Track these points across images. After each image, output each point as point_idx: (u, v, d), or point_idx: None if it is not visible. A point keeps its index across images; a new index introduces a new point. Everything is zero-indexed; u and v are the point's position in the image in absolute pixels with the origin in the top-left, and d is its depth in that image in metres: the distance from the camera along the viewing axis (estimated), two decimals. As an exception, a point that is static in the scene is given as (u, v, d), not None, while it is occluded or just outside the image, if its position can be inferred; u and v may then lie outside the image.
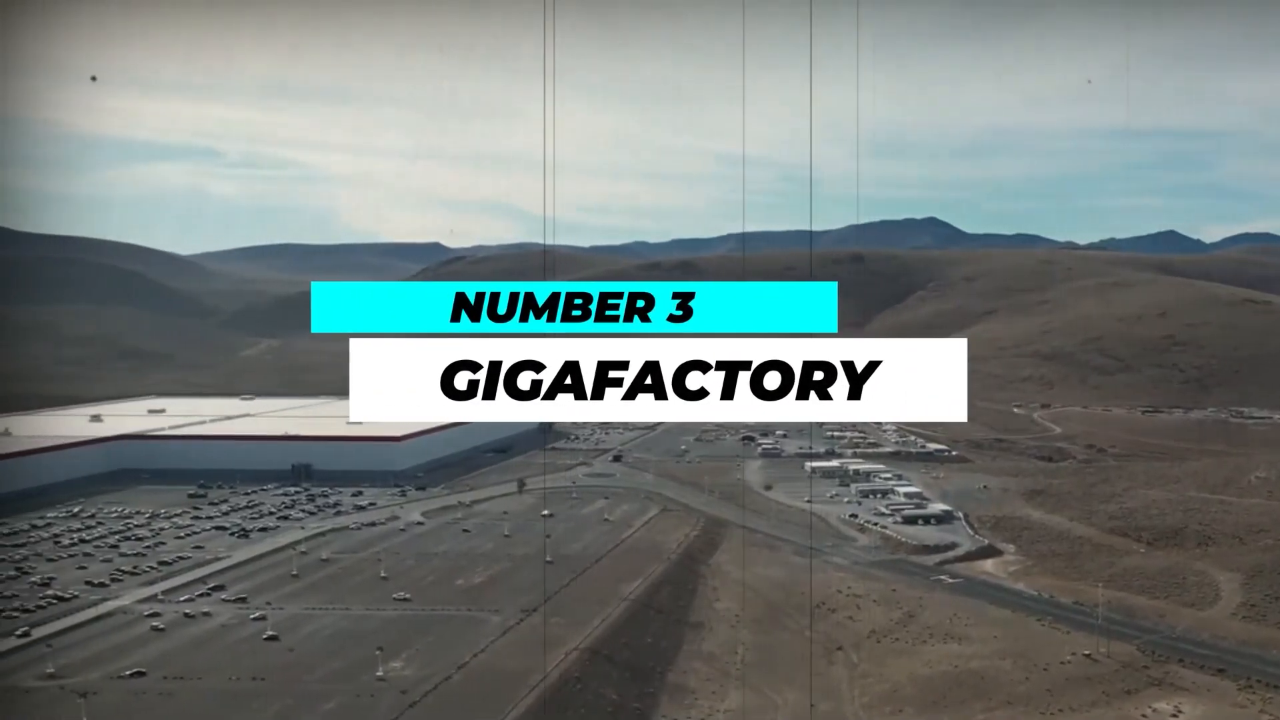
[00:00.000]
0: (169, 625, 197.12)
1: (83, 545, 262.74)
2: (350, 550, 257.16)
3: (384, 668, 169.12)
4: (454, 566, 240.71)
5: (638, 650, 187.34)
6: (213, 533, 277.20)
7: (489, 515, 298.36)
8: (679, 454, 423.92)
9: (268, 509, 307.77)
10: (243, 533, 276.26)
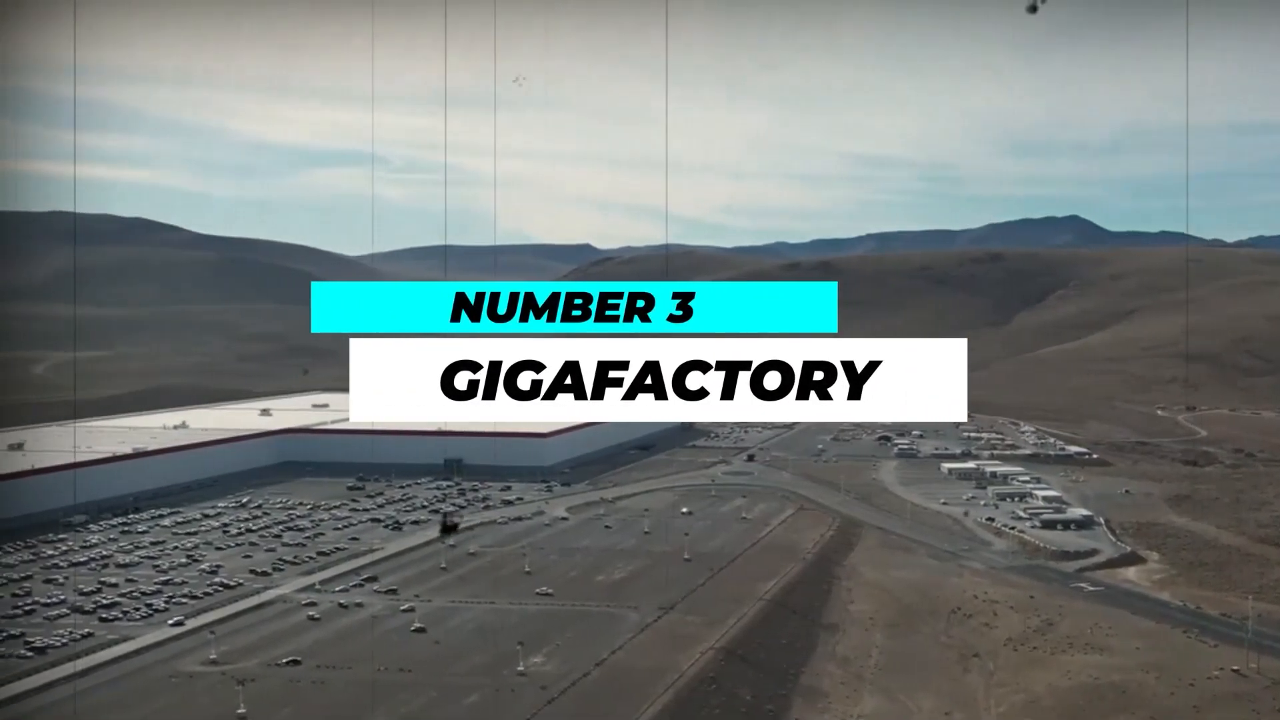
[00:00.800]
0: (324, 615, 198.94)
1: (249, 535, 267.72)
2: (497, 544, 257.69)
3: (525, 663, 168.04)
4: (595, 562, 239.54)
5: (772, 651, 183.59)
6: (368, 525, 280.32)
7: (630, 512, 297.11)
8: (816, 453, 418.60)
9: (421, 502, 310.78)
10: (396, 525, 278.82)
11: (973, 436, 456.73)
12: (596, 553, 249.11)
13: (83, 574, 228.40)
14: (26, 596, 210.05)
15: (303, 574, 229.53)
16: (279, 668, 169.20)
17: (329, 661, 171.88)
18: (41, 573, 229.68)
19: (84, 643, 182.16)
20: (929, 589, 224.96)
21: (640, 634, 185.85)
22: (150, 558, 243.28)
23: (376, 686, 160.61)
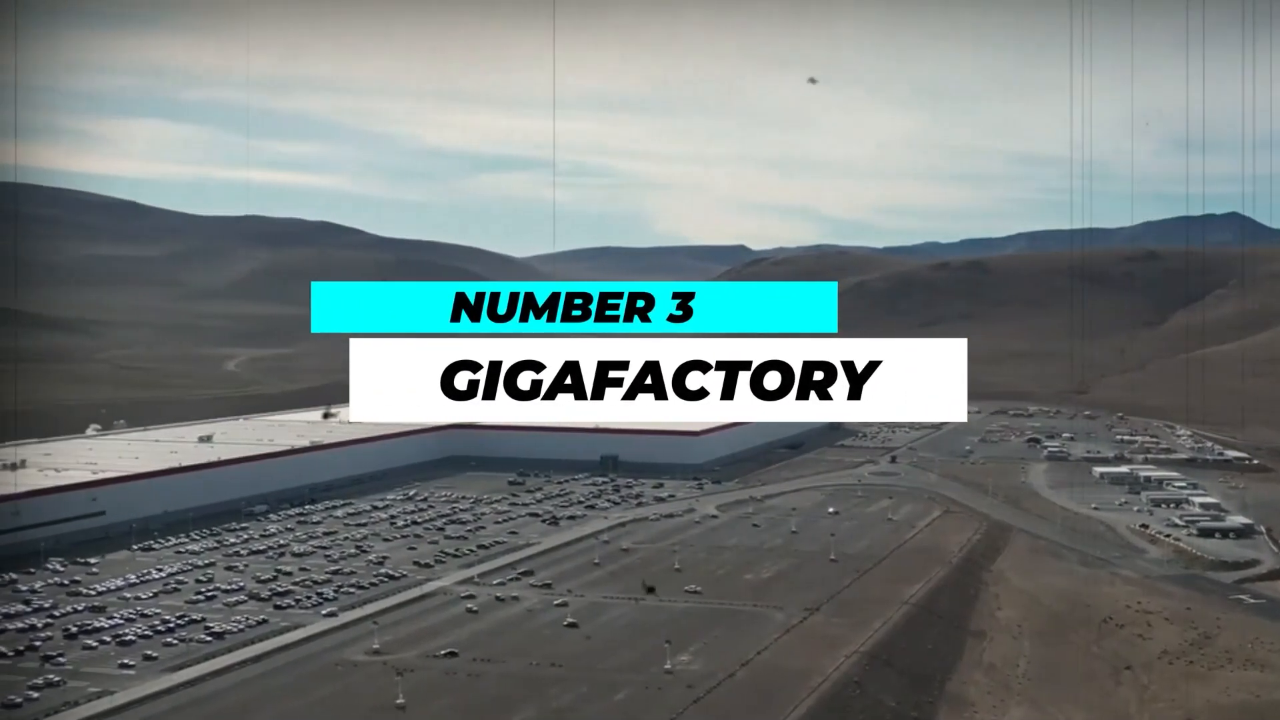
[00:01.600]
0: (482, 608, 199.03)
1: (414, 527, 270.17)
2: (649, 541, 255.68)
3: (672, 661, 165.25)
4: (743, 561, 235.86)
5: (917, 656, 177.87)
6: (527, 519, 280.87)
7: (778, 511, 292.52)
8: (963, 454, 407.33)
9: (577, 498, 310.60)
10: (553, 520, 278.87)
11: (1126, 440, 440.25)
12: (744, 551, 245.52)
13: (261, 562, 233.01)
14: (210, 583, 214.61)
15: (463, 566, 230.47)
16: (437, 659, 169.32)
17: (484, 654, 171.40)
18: (224, 560, 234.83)
19: (258, 629, 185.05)
20: (1080, 597, 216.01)
21: (785, 635, 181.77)
22: (323, 548, 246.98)
23: (528, 680, 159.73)
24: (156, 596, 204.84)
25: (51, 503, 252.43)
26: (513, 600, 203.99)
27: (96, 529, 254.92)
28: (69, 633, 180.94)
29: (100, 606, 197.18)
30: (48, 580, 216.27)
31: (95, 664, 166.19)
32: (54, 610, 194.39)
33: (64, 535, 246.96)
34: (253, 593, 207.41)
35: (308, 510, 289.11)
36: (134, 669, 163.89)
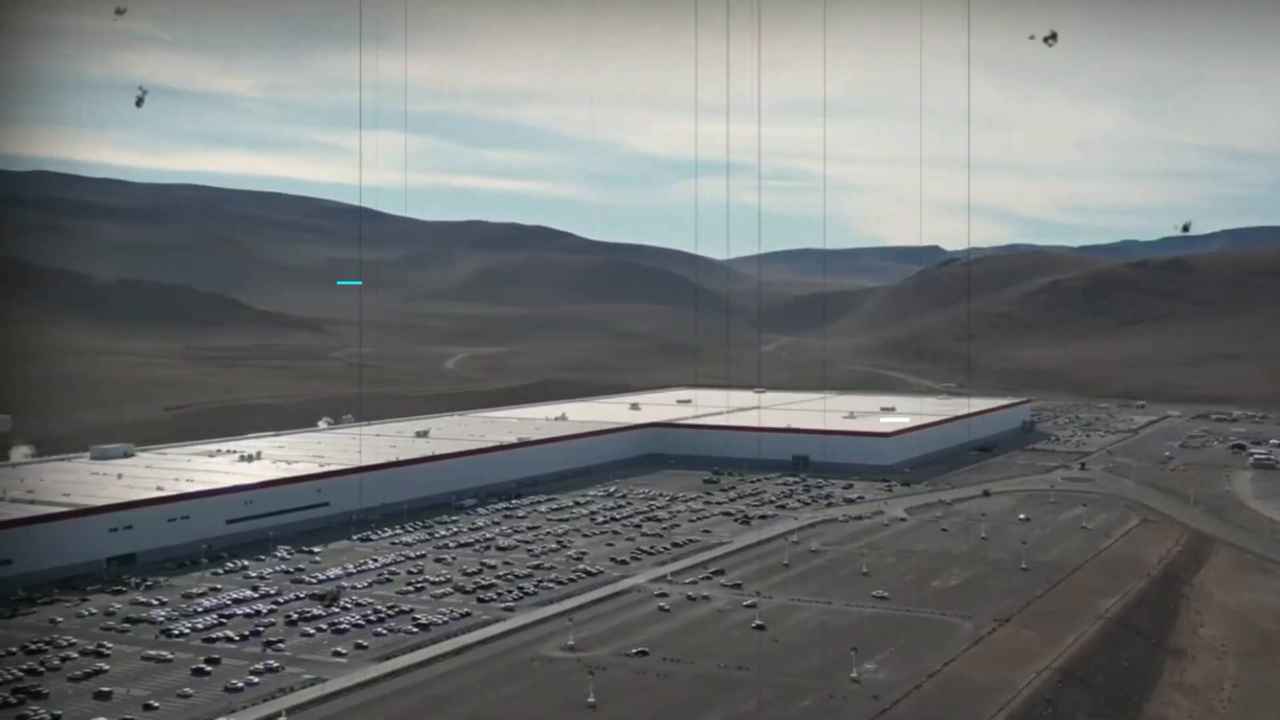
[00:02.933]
0: (673, 606, 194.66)
1: (613, 523, 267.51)
2: (837, 543, 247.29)
3: (858, 669, 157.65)
4: (931, 566, 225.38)
5: (1112, 675, 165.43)
6: (720, 518, 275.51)
7: (967, 515, 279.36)
8: (1162, 460, 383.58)
9: (769, 497, 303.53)
10: (745, 519, 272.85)
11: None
12: (932, 556, 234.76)
13: (467, 555, 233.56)
14: (420, 574, 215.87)
15: (657, 564, 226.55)
16: (628, 658, 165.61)
17: (674, 654, 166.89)
18: (434, 552, 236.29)
19: (461, 621, 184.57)
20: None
21: (974, 646, 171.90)
22: (526, 542, 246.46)
23: (715, 682, 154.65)
24: (370, 586, 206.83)
25: (281, 493, 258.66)
26: (703, 600, 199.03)
27: (321, 519, 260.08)
28: (290, 620, 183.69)
29: (320, 595, 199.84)
30: (275, 567, 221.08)
31: (312, 651, 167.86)
32: (278, 597, 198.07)
33: (292, 524, 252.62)
34: (458, 585, 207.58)
35: (514, 505, 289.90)
36: (345, 657, 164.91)
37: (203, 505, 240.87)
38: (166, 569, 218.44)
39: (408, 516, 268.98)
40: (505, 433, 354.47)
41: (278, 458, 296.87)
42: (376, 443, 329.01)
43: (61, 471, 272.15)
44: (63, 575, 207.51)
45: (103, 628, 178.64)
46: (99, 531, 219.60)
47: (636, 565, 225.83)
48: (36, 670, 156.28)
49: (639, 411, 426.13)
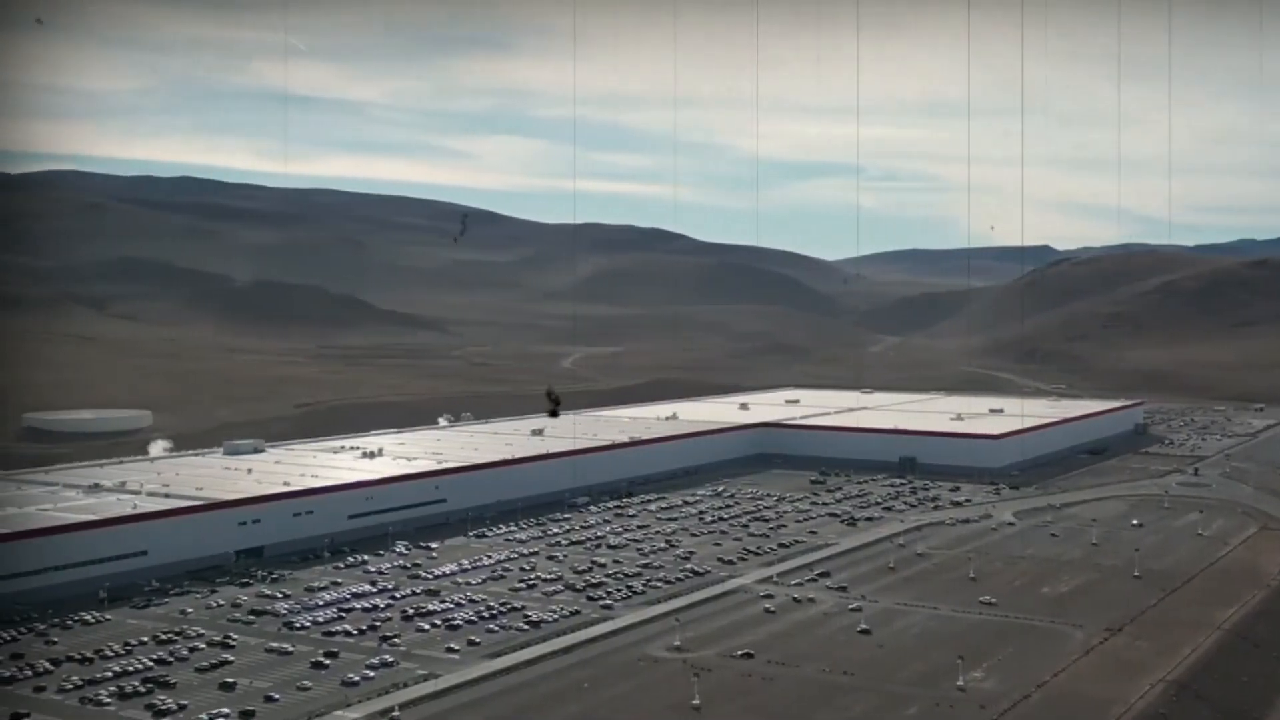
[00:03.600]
0: (779, 608, 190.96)
1: (720, 523, 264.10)
2: (944, 547, 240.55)
3: (965, 677, 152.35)
4: (1040, 572, 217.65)
5: (1231, 689, 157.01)
6: (825, 519, 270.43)
7: (1078, 520, 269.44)
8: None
9: (875, 499, 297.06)
10: (851, 521, 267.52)
11: None
12: (1041, 562, 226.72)
13: (579, 553, 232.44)
14: (532, 572, 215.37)
15: (763, 565, 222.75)
16: (734, 659, 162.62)
17: (779, 657, 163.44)
18: (546, 549, 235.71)
19: (571, 620, 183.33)
20: None
21: (1085, 656, 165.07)
22: (635, 540, 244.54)
23: (820, 687, 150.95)
24: (484, 583, 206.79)
25: (401, 489, 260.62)
26: (809, 602, 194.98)
27: (438, 515, 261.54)
28: (406, 615, 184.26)
29: (435, 590, 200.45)
30: (393, 563, 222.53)
31: (426, 647, 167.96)
32: (395, 592, 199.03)
33: (410, 520, 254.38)
34: (569, 583, 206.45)
35: (625, 503, 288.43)
36: (458, 654, 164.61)
37: (326, 500, 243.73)
38: (291, 562, 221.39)
39: (522, 514, 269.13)
40: (617, 432, 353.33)
41: (398, 454, 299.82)
42: (493, 440, 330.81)
43: (196, 466, 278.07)
44: (194, 567, 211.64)
45: (229, 619, 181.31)
46: (229, 525, 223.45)
47: (743, 565, 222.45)
48: (166, 660, 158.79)
49: (748, 411, 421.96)
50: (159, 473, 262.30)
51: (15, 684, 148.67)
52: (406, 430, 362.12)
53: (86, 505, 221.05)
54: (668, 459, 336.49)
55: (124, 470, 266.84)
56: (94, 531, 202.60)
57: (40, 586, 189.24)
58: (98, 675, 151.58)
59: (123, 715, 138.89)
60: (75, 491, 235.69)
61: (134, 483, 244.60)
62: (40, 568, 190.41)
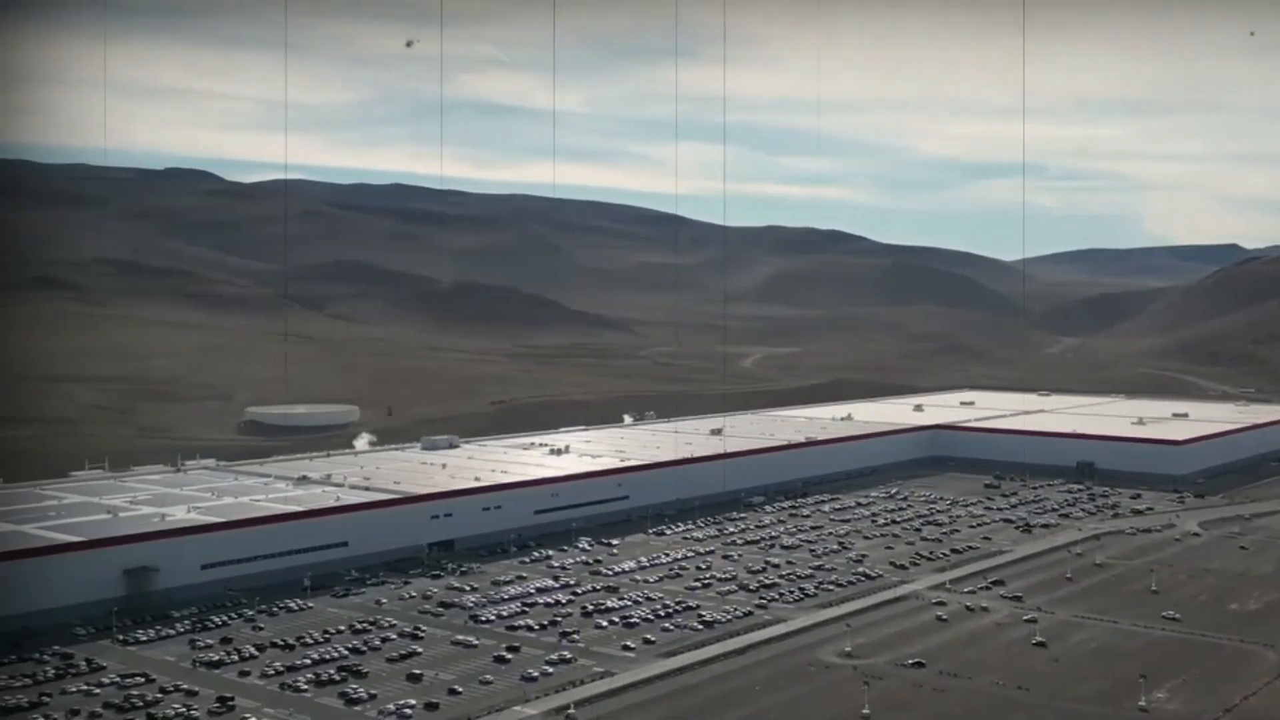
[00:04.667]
0: (951, 616, 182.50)
1: (893, 526, 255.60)
2: (1124, 557, 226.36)
3: (1147, 696, 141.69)
4: (1227, 587, 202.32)
5: None
6: (1000, 524, 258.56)
7: (1270, 532, 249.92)
8: None
9: (1051, 505, 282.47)
10: (1026, 527, 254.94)
11: None
12: (1229, 576, 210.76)
13: (753, 553, 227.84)
14: (707, 571, 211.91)
15: (936, 570, 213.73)
16: (905, 668, 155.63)
17: (951, 668, 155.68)
18: (722, 549, 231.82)
19: (744, 620, 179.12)
20: None
21: (1277, 679, 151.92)
22: (809, 542, 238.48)
23: (993, 700, 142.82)
24: (661, 581, 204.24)
25: (585, 486, 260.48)
26: (982, 611, 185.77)
27: (620, 512, 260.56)
28: (586, 611, 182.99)
29: (614, 587, 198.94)
30: (576, 558, 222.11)
31: (603, 644, 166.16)
32: (577, 588, 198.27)
33: (594, 516, 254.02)
34: (743, 583, 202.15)
35: (799, 503, 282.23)
36: (634, 652, 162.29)
37: (514, 496, 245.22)
38: (480, 555, 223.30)
39: (700, 512, 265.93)
40: (793, 432, 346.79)
41: (584, 451, 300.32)
42: (674, 439, 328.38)
43: (395, 460, 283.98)
44: (391, 558, 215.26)
45: (420, 611, 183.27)
46: (423, 518, 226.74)
47: (915, 571, 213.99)
48: (360, 650, 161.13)
49: (922, 413, 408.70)
50: (361, 466, 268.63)
51: (223, 667, 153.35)
52: (593, 428, 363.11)
53: (294, 497, 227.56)
54: (842, 460, 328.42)
55: (330, 464, 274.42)
56: (300, 522, 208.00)
57: (251, 574, 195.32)
58: (297, 662, 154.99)
59: (318, 702, 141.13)
60: (285, 483, 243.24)
61: (338, 476, 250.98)
62: (251, 555, 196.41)
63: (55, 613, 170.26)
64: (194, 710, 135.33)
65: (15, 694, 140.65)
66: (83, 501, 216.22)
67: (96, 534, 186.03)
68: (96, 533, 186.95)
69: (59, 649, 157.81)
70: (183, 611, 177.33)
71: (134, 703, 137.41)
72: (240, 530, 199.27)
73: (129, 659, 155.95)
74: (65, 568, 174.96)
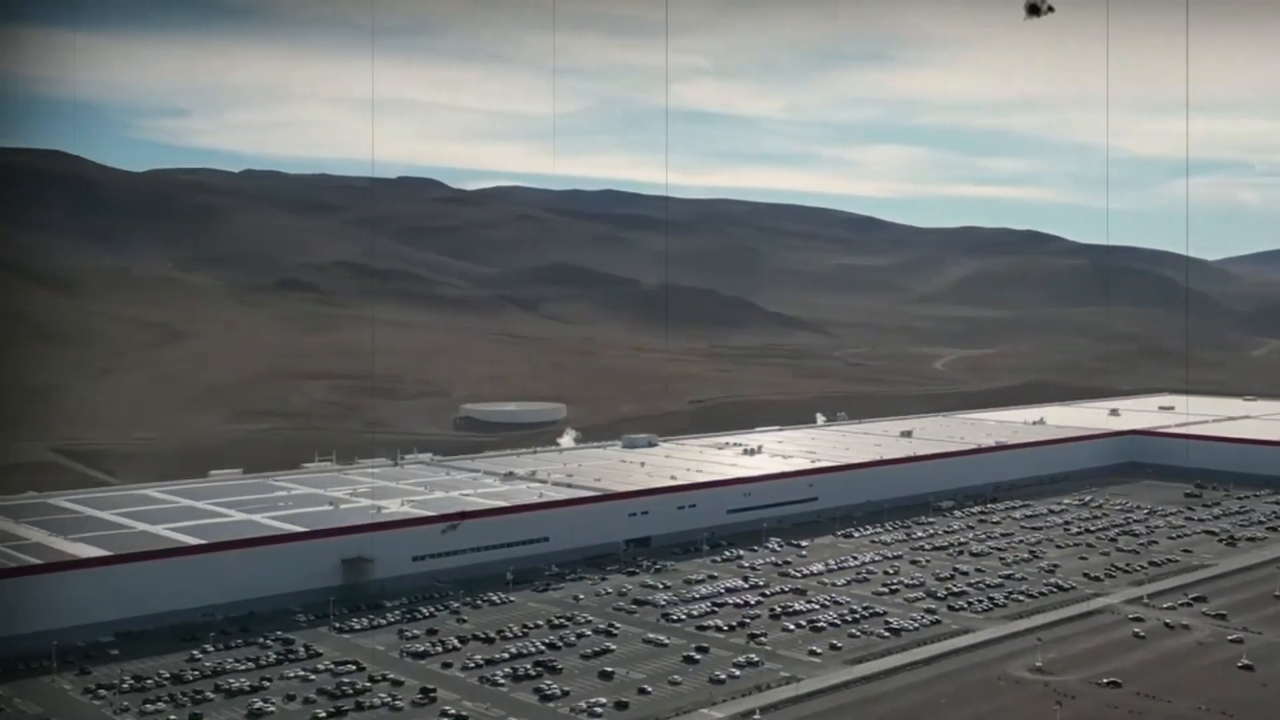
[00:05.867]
0: (1149, 633, 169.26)
1: (1086, 535, 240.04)
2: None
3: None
4: None
5: None
6: (1201, 536, 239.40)
7: None
8: None
9: (1257, 517, 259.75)
10: (1230, 540, 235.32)
11: None
12: None
13: (941, 559, 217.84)
14: (895, 576, 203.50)
15: (1132, 584, 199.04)
16: (1098, 688, 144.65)
17: (1149, 689, 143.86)
18: (909, 554, 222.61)
19: (931, 629, 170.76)
20: None
21: None
22: (998, 549, 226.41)
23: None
24: (849, 585, 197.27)
25: (776, 487, 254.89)
26: (1182, 629, 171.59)
27: (809, 513, 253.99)
28: (774, 613, 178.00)
29: (802, 590, 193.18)
30: (766, 559, 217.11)
31: (789, 647, 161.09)
32: (766, 589, 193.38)
33: (784, 517, 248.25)
34: (930, 590, 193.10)
35: (989, 509, 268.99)
36: (820, 658, 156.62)
37: (708, 495, 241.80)
38: (674, 554, 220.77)
39: (888, 515, 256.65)
40: (984, 435, 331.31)
41: (775, 452, 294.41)
42: (864, 440, 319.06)
43: (596, 458, 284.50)
44: (589, 555, 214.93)
45: (614, 608, 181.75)
46: (620, 516, 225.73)
47: (1110, 583, 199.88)
48: (556, 645, 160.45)
49: (1118, 418, 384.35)
50: (565, 463, 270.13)
51: (427, 659, 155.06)
52: (785, 428, 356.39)
53: (501, 492, 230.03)
54: (1034, 465, 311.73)
55: (536, 460, 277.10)
56: (505, 518, 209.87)
57: (457, 566, 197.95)
58: (497, 655, 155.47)
59: (513, 697, 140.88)
60: (493, 479, 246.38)
61: (542, 472, 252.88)
62: (458, 549, 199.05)
63: (279, 599, 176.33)
64: (398, 701, 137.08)
65: (239, 677, 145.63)
66: (309, 493, 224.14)
67: (318, 525, 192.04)
68: (319, 524, 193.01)
69: (280, 634, 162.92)
70: (394, 601, 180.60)
71: (345, 690, 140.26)
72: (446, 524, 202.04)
73: (343, 646, 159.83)
74: (290, 557, 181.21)
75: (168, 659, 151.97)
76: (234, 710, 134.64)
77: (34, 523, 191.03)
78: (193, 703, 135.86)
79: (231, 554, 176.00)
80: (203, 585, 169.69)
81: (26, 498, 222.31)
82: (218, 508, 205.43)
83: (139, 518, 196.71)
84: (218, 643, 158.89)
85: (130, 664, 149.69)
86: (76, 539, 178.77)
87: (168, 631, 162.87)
